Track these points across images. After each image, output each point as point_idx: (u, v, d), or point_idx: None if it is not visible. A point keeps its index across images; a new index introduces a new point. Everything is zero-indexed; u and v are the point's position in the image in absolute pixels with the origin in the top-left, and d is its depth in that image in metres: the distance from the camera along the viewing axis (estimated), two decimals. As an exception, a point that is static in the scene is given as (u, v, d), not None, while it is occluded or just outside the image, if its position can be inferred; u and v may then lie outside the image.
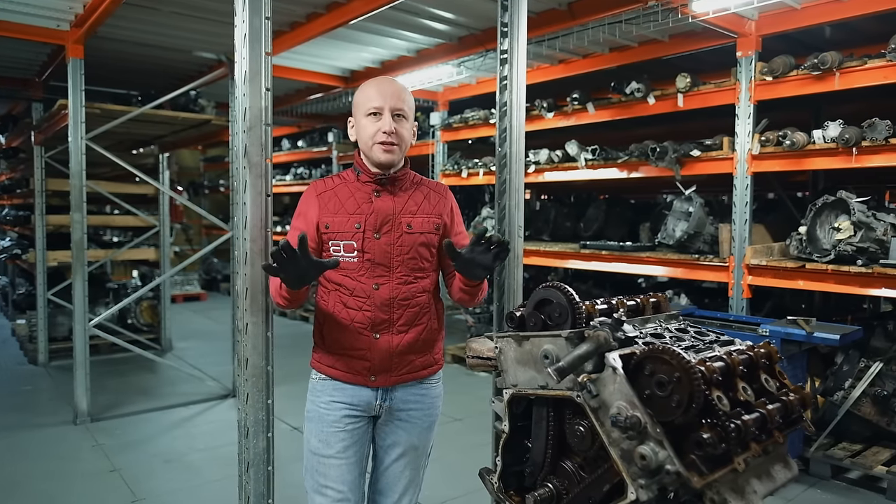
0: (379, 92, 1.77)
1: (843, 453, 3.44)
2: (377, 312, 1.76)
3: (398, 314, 1.78)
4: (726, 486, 1.12)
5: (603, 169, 4.81)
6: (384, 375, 1.80)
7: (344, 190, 1.80)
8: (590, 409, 1.17)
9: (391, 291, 1.77)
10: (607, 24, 4.01)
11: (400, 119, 1.78)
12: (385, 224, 1.77)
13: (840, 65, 3.50)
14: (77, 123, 4.14)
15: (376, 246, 1.76)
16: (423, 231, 1.81)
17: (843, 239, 3.51)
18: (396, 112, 1.77)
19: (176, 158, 8.05)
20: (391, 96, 1.77)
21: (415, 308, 1.80)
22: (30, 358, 5.97)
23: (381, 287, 1.76)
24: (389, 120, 1.75)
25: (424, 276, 1.83)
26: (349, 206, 1.77)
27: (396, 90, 1.79)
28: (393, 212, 1.78)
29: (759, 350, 1.29)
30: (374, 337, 1.77)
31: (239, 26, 1.78)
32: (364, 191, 1.79)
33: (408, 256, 1.79)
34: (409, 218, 1.80)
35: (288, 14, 4.03)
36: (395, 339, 1.78)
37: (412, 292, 1.79)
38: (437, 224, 1.84)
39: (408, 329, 1.80)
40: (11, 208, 7.59)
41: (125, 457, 3.75)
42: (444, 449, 3.88)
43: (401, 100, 1.78)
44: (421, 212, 1.82)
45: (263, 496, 1.83)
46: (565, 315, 1.30)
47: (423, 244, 1.81)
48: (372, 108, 1.76)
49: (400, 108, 1.77)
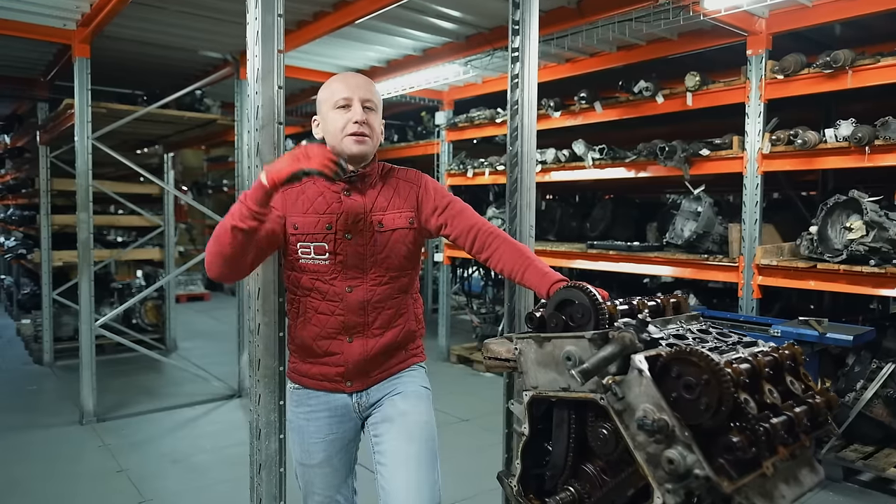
0: (346, 84, 1.70)
1: (855, 455, 3.41)
2: (351, 316, 1.69)
3: (373, 317, 1.71)
4: (755, 491, 1.09)
5: (610, 168, 4.79)
6: (360, 380, 1.75)
7: (312, 188, 1.70)
8: (614, 411, 1.14)
9: (365, 294, 1.69)
10: (616, 23, 3.98)
11: (369, 111, 1.70)
12: (357, 223, 1.68)
13: (853, 63, 3.46)
14: (83, 123, 4.13)
15: (349, 247, 1.67)
16: (396, 227, 1.71)
17: (855, 239, 3.48)
18: (366, 103, 1.69)
19: (180, 158, 8.05)
20: (359, 87, 1.70)
21: (391, 310, 1.73)
22: (35, 358, 5.97)
23: (354, 290, 1.68)
24: (360, 109, 1.68)
25: (400, 274, 1.75)
26: (318, 205, 1.68)
27: (364, 82, 1.72)
28: (363, 210, 1.69)
29: (784, 351, 1.26)
30: (347, 341, 1.71)
31: (251, 23, 1.76)
32: (333, 189, 1.69)
33: (381, 256, 1.70)
34: (380, 215, 1.70)
35: (296, 13, 4.01)
36: (369, 343, 1.72)
37: (388, 293, 1.72)
38: (410, 217, 1.74)
39: (383, 332, 1.73)
40: (17, 208, 7.61)
41: (132, 457, 3.74)
42: (452, 450, 3.88)
43: (369, 91, 1.71)
44: (392, 207, 1.72)
45: (275, 498, 1.81)
46: (588, 316, 1.28)
47: (397, 241, 1.71)
48: (340, 99, 1.68)
49: (369, 100, 1.70)
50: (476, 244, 1.76)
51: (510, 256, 1.71)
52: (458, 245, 1.80)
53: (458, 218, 1.77)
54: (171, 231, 6.43)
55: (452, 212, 1.78)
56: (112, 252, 6.31)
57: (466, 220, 1.78)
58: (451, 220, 1.77)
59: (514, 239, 1.81)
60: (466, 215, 1.79)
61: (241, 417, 4.45)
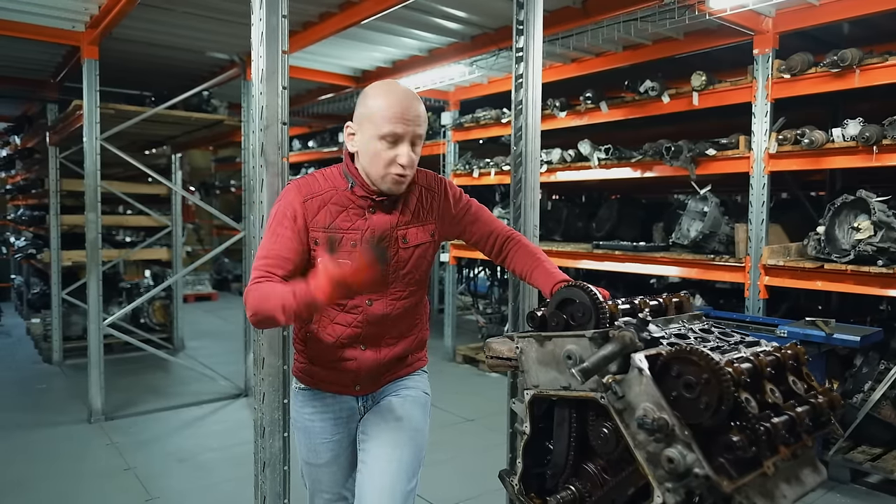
0: (402, 115, 1.54)
1: (862, 457, 3.39)
2: (368, 328, 1.66)
3: (390, 328, 1.70)
4: (755, 490, 1.09)
5: (616, 168, 4.77)
6: (369, 385, 1.75)
7: (334, 202, 1.60)
8: (614, 410, 1.14)
9: (385, 307, 1.66)
10: (622, 23, 3.97)
11: (416, 145, 1.59)
12: (381, 241, 1.63)
13: (860, 62, 3.44)
14: (92, 124, 4.17)
15: None
16: (420, 242, 1.68)
17: (862, 239, 3.45)
18: (416, 140, 1.58)
19: (188, 159, 8.09)
20: (414, 122, 1.55)
21: (407, 321, 1.73)
22: (44, 357, 6.02)
23: (374, 303, 1.65)
24: (408, 152, 1.55)
25: (419, 288, 1.73)
26: (342, 222, 1.59)
27: (420, 114, 1.58)
28: (389, 227, 1.63)
29: (787, 351, 1.26)
30: (361, 349, 1.69)
31: (256, 25, 1.77)
32: (358, 205, 1.61)
33: (404, 272, 1.67)
34: (405, 230, 1.66)
35: (301, 14, 4.03)
36: (383, 351, 1.71)
37: (407, 306, 1.70)
38: (432, 231, 1.71)
39: (397, 341, 1.73)
40: (26, 208, 7.67)
41: (139, 455, 3.77)
42: (457, 450, 3.88)
43: (422, 124, 1.58)
44: (415, 221, 1.68)
45: (279, 496, 1.83)
46: (589, 315, 1.28)
47: (420, 256, 1.69)
48: (390, 133, 1.53)
49: (420, 136, 1.59)
50: (494, 249, 1.81)
51: (522, 258, 1.75)
52: (476, 248, 1.84)
53: (477, 224, 1.80)
54: (178, 231, 6.46)
55: (471, 217, 1.79)
56: (120, 252, 6.35)
57: (485, 225, 1.81)
58: (471, 227, 1.80)
59: (528, 241, 1.83)
60: (484, 220, 1.81)
61: (248, 416, 4.47)
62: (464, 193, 1.82)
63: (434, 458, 2.31)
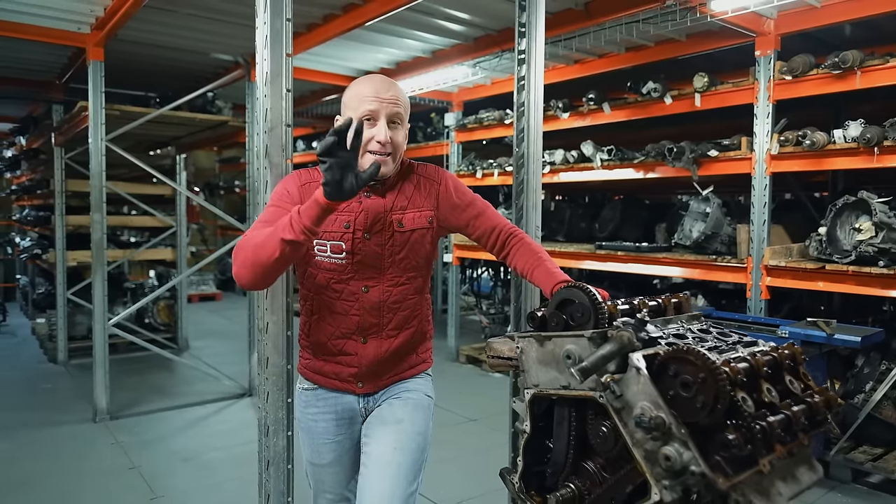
0: (375, 94, 1.61)
1: (863, 457, 3.40)
2: (366, 316, 1.68)
3: (388, 318, 1.70)
4: (751, 487, 1.11)
5: (619, 169, 4.79)
6: (371, 382, 1.76)
7: None
8: (613, 409, 1.16)
9: (381, 294, 1.67)
10: (624, 24, 3.98)
11: (395, 127, 1.63)
12: (376, 223, 1.65)
13: (862, 63, 3.45)
14: (97, 125, 4.20)
15: (367, 247, 1.64)
16: (416, 227, 1.69)
17: (864, 240, 3.46)
18: (393, 118, 1.62)
19: (192, 160, 8.13)
20: (388, 101, 1.61)
21: (406, 311, 1.72)
22: (49, 356, 6.06)
23: (370, 290, 1.66)
24: (385, 128, 1.60)
25: (417, 275, 1.73)
26: None
27: (394, 94, 1.63)
28: (383, 210, 1.66)
29: (784, 351, 1.28)
30: (361, 342, 1.70)
31: (260, 27, 1.79)
32: None
33: (400, 256, 1.68)
34: (400, 215, 1.67)
35: (305, 16, 4.05)
36: (384, 344, 1.71)
37: (404, 294, 1.70)
38: (429, 217, 1.72)
39: (398, 333, 1.73)
40: (32, 209, 7.71)
41: (144, 454, 3.80)
42: (460, 449, 3.90)
43: (398, 105, 1.63)
44: (412, 206, 1.69)
45: (283, 494, 1.85)
46: (588, 315, 1.29)
47: (416, 242, 1.69)
48: (366, 111, 1.60)
49: (397, 114, 1.63)
50: (497, 245, 1.80)
51: (524, 256, 1.75)
52: (478, 244, 1.84)
53: (481, 219, 1.79)
54: (183, 231, 6.50)
55: (475, 212, 1.79)
56: (125, 252, 6.39)
57: (488, 220, 1.80)
58: (474, 221, 1.79)
59: (531, 239, 1.83)
60: (488, 215, 1.81)
61: (252, 416, 4.49)
62: (468, 190, 1.84)
63: (437, 457, 2.33)
